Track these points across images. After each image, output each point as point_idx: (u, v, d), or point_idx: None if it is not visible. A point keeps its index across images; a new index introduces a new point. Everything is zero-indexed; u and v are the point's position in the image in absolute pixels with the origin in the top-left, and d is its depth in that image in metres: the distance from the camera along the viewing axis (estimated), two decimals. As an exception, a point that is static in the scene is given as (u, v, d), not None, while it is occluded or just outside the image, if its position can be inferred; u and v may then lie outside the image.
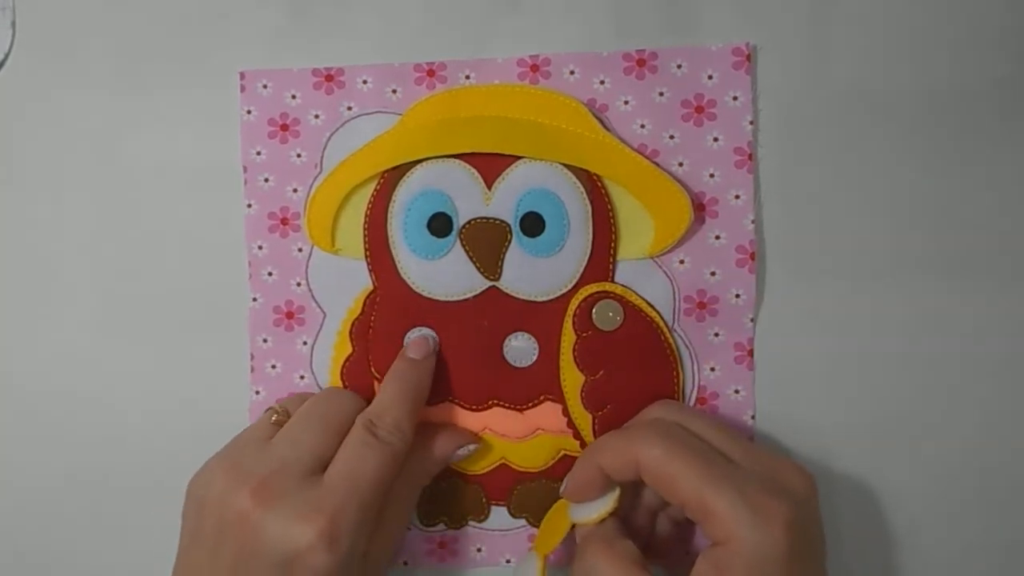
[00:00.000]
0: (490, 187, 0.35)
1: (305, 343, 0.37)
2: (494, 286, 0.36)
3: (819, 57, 0.36)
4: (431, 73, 0.36)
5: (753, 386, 0.36)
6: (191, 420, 0.38)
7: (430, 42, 0.36)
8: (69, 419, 0.38)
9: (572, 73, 0.36)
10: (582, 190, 0.35)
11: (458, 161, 0.35)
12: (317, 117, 0.37)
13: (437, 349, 0.36)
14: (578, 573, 0.32)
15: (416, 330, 0.36)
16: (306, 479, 0.31)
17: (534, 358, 0.36)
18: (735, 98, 0.35)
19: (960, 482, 0.36)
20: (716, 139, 0.35)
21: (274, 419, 0.34)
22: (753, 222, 0.35)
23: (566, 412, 0.36)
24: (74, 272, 0.38)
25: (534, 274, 0.36)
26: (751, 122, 0.35)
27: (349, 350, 0.37)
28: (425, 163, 0.36)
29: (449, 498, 0.37)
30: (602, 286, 0.36)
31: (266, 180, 0.37)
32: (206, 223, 0.37)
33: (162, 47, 0.37)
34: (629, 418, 0.35)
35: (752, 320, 0.36)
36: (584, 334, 0.36)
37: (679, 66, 0.35)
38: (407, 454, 0.33)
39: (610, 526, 0.33)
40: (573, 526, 0.34)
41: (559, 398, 0.36)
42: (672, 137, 0.36)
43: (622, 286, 0.36)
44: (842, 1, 0.36)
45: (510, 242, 0.36)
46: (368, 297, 0.37)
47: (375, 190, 0.36)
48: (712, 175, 0.35)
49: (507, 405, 0.36)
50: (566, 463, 0.36)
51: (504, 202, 0.35)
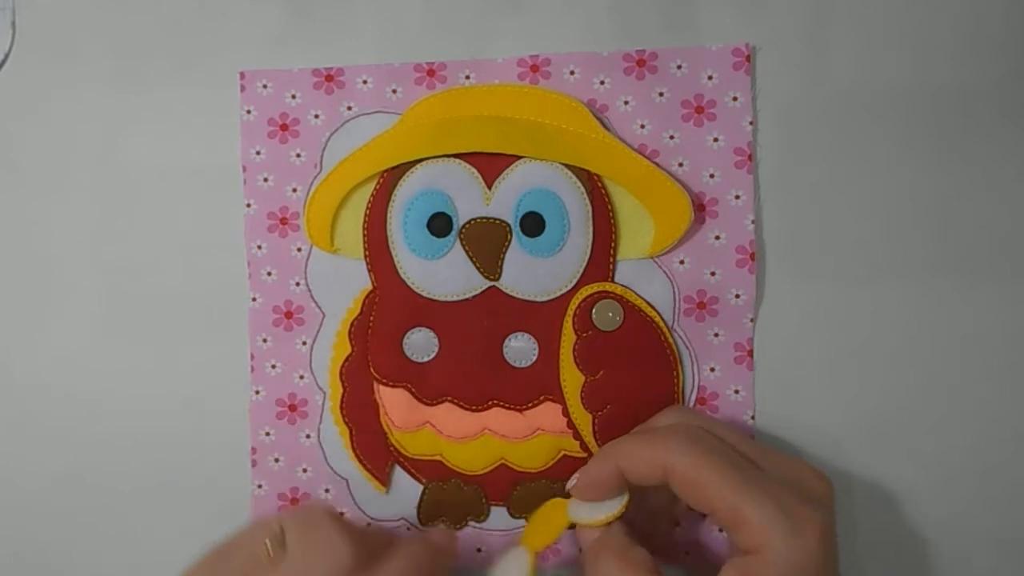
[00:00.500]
0: (490, 187, 0.35)
1: (304, 343, 0.37)
2: (494, 286, 0.36)
3: (819, 57, 0.36)
4: (431, 73, 0.36)
5: (753, 386, 0.36)
6: (191, 420, 0.38)
7: (430, 42, 0.36)
8: (68, 418, 0.38)
9: (572, 73, 0.36)
10: (582, 190, 0.35)
11: (458, 161, 0.35)
12: (317, 117, 0.37)
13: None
14: (588, 568, 0.31)
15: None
16: None
17: (534, 358, 0.36)
18: (735, 98, 0.35)
19: (960, 482, 0.36)
20: (716, 139, 0.35)
21: (270, 552, 0.31)
22: (753, 222, 0.35)
23: (566, 412, 0.36)
24: (74, 272, 0.38)
25: (534, 274, 0.36)
26: (751, 122, 0.35)
27: (348, 350, 0.37)
28: (425, 163, 0.36)
29: (449, 499, 0.37)
30: (602, 286, 0.36)
31: (266, 180, 0.37)
32: (206, 223, 0.37)
33: (162, 47, 0.37)
34: (629, 418, 0.35)
35: (752, 320, 0.36)
36: (584, 334, 0.36)
37: (679, 66, 0.35)
38: None
39: (621, 533, 0.32)
40: (571, 526, 0.33)
41: (559, 398, 0.36)
42: (672, 137, 0.36)
43: (622, 286, 0.36)
44: (842, 1, 0.36)
45: (510, 242, 0.35)
46: (367, 297, 0.37)
47: (375, 190, 0.36)
48: (712, 175, 0.35)
49: (507, 405, 0.36)
50: (566, 463, 0.36)
51: (504, 202, 0.35)
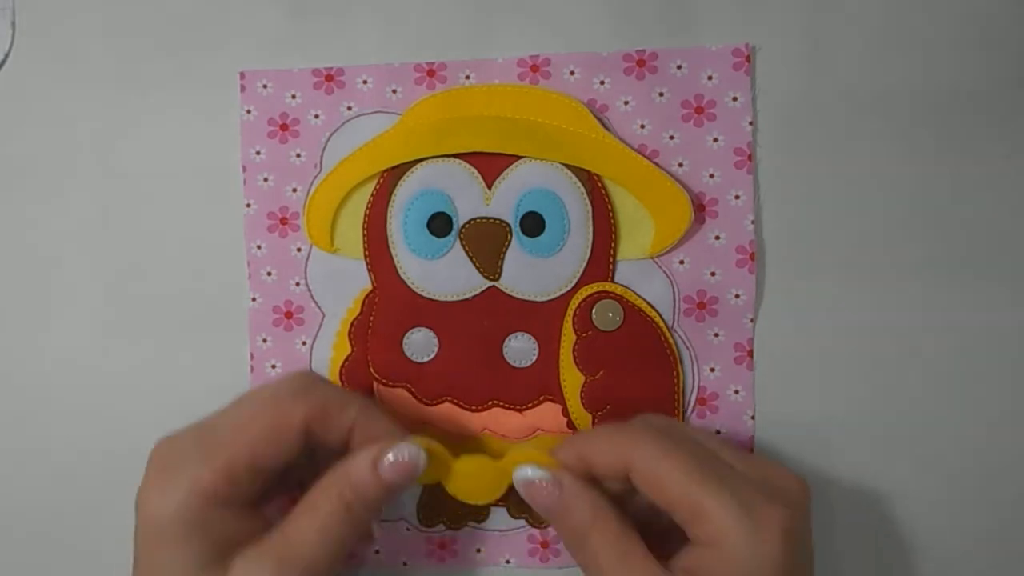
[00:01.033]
0: (490, 187, 0.35)
1: (304, 343, 0.37)
2: (494, 286, 0.36)
3: (819, 57, 0.36)
4: (431, 73, 0.36)
5: (753, 386, 0.36)
6: (191, 420, 0.38)
7: (430, 42, 0.36)
8: (68, 418, 0.38)
9: (572, 73, 0.36)
10: (582, 190, 0.35)
11: (458, 161, 0.35)
12: (317, 117, 0.37)
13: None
14: (581, 559, 0.30)
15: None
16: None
17: (534, 358, 0.36)
18: (735, 98, 0.35)
19: (961, 482, 0.36)
20: (716, 139, 0.35)
21: None
22: (753, 222, 0.35)
23: (566, 412, 0.36)
24: (74, 272, 0.38)
25: (534, 274, 0.36)
26: (751, 122, 0.35)
27: (348, 350, 0.37)
28: (425, 163, 0.36)
29: (449, 499, 0.37)
30: (602, 286, 0.36)
31: (265, 180, 0.37)
32: (206, 223, 0.37)
33: (162, 47, 0.37)
34: (629, 418, 0.35)
35: (752, 320, 0.36)
36: (584, 334, 0.36)
37: (679, 66, 0.35)
38: None
39: (610, 509, 0.30)
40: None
41: (559, 398, 0.36)
42: (672, 137, 0.36)
43: (622, 286, 0.36)
44: (842, 1, 0.36)
45: (510, 242, 0.35)
46: (367, 297, 0.37)
47: (375, 190, 0.36)
48: (712, 175, 0.35)
49: (507, 405, 0.36)
50: (566, 463, 0.36)
51: (504, 202, 0.35)
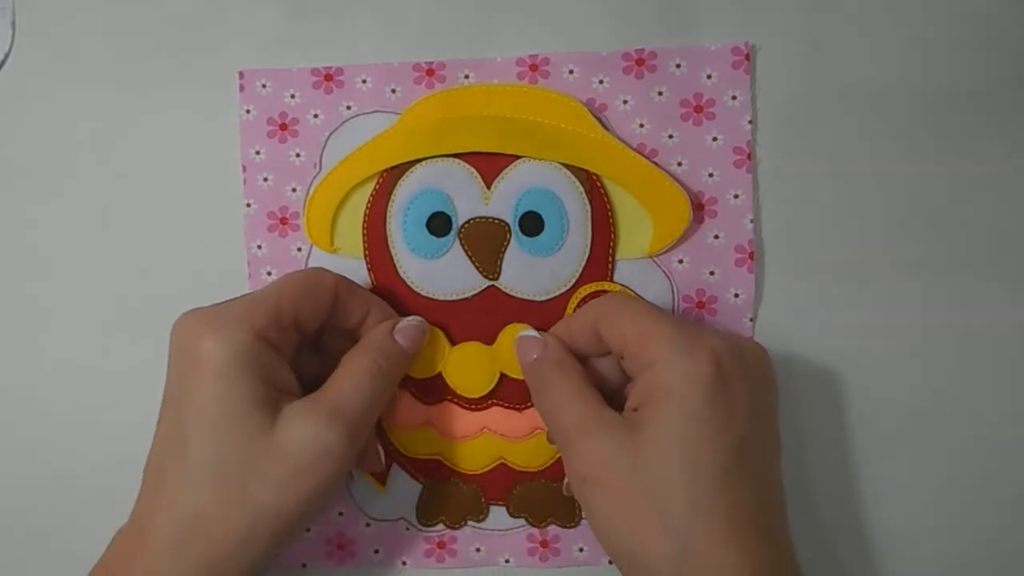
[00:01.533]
0: (489, 186, 0.35)
1: (304, 342, 0.37)
2: (493, 285, 0.36)
3: (819, 57, 0.36)
4: (430, 73, 0.36)
5: (752, 386, 0.36)
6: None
7: (429, 42, 0.36)
8: (68, 418, 0.38)
9: (571, 73, 0.36)
10: (581, 190, 0.35)
11: (457, 160, 0.35)
12: (316, 117, 0.37)
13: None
14: (533, 390, 0.34)
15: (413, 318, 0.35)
16: None
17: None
18: (734, 97, 0.35)
19: (961, 482, 0.36)
20: (715, 139, 0.35)
21: None
22: (752, 222, 0.35)
23: (565, 412, 0.36)
24: (74, 272, 0.38)
25: (533, 273, 0.36)
26: (750, 121, 0.35)
27: (348, 350, 0.37)
28: (424, 162, 0.36)
29: (448, 498, 0.37)
30: (601, 285, 0.36)
31: (265, 179, 0.37)
32: (206, 222, 0.37)
33: (162, 47, 0.37)
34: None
35: (751, 320, 0.36)
36: (583, 334, 0.36)
37: (678, 65, 0.35)
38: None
39: (560, 347, 0.34)
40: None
41: (558, 398, 0.36)
42: (671, 137, 0.36)
43: (621, 285, 0.36)
44: (842, 1, 0.36)
45: (509, 241, 0.35)
46: (367, 296, 0.37)
47: (374, 189, 0.36)
48: (711, 175, 0.35)
49: (506, 405, 0.36)
50: (565, 463, 0.36)
51: (503, 201, 0.35)
